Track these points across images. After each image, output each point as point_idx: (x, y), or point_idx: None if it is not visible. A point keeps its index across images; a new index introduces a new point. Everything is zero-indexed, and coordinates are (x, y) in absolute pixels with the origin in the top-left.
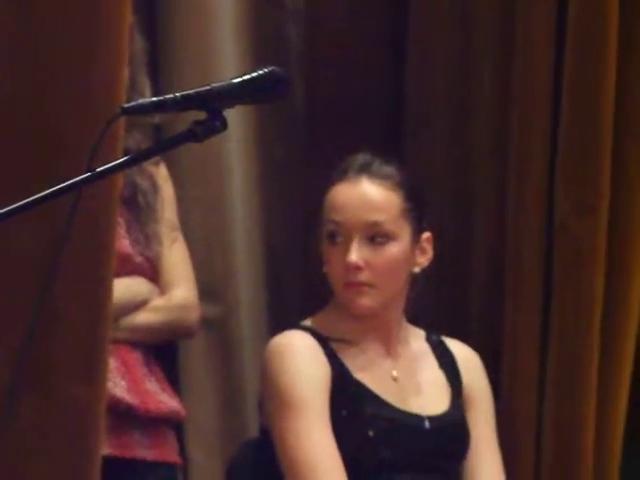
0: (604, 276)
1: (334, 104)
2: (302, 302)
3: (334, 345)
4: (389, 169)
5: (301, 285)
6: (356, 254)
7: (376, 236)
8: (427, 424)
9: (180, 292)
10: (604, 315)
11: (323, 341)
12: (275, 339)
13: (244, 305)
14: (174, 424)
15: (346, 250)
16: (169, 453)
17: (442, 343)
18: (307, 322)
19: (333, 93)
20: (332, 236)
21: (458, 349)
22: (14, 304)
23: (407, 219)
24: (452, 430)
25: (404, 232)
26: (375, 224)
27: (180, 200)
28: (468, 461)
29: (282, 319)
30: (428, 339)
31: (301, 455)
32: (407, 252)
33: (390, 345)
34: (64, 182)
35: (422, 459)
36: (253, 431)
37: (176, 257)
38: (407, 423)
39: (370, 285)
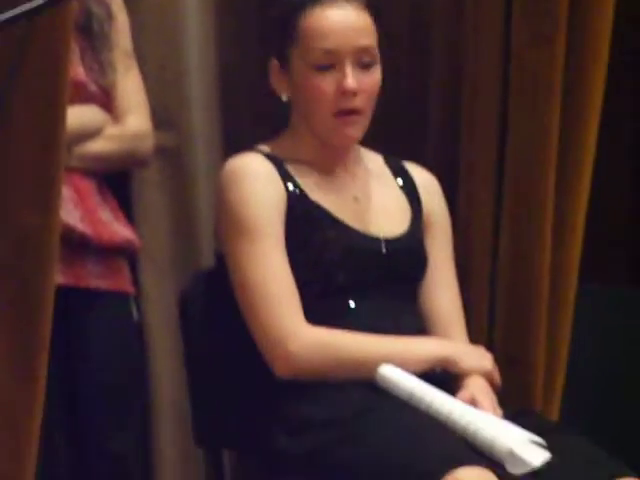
0: (560, 109)
1: None
2: (257, 129)
3: (290, 167)
4: None
5: (257, 113)
6: (353, 79)
7: (364, 60)
8: (384, 247)
9: (134, 121)
10: (559, 150)
11: (279, 163)
12: (229, 162)
13: (198, 133)
14: (128, 254)
15: (338, 77)
16: (122, 282)
17: (402, 167)
18: (263, 146)
19: None
20: (321, 64)
21: (418, 173)
22: None
23: (377, 43)
24: (409, 253)
25: (378, 56)
26: (365, 48)
27: (134, 28)
28: (424, 284)
29: (237, 147)
30: (387, 162)
31: (254, 279)
32: (380, 76)
33: (348, 166)
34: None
35: (378, 283)
36: (207, 260)
37: (130, 85)
38: (364, 246)
39: (359, 112)
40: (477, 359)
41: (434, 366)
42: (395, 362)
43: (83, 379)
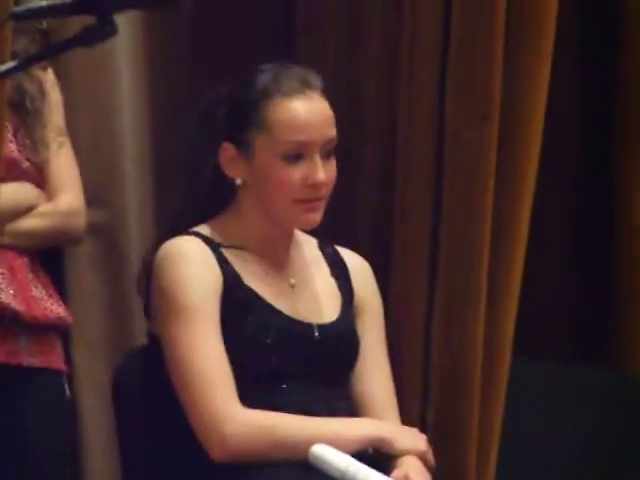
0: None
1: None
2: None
3: (226, 252)
4: (318, 79)
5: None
6: (322, 172)
7: (327, 149)
8: (317, 333)
9: (67, 198)
10: (494, 231)
11: (214, 247)
12: (163, 246)
13: (132, 211)
14: (61, 331)
15: (306, 167)
16: (55, 360)
17: (334, 251)
18: (198, 229)
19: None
20: (292, 156)
21: (350, 258)
22: None
23: None
24: (341, 339)
25: None
26: (332, 140)
27: (68, 105)
28: (357, 368)
29: (170, 226)
30: (320, 247)
31: (189, 361)
32: None
33: (285, 252)
34: None
35: (310, 368)
36: (140, 338)
37: (63, 162)
38: (297, 331)
39: (323, 199)
40: (411, 440)
41: (369, 446)
42: (330, 442)
43: (12, 456)
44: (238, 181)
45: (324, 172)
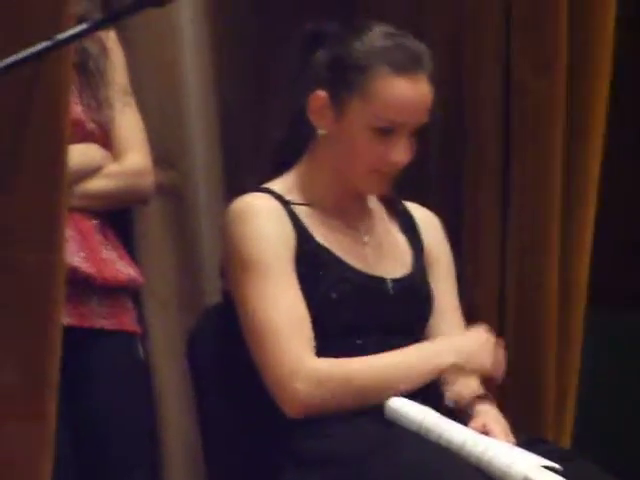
0: (563, 138)
1: None
2: (259, 168)
3: (297, 209)
4: (430, 57)
5: (257, 151)
6: (405, 154)
7: (415, 131)
8: (391, 287)
9: (134, 158)
10: (564, 179)
11: (286, 204)
12: (236, 201)
13: (200, 172)
14: (132, 292)
15: (392, 143)
16: (128, 322)
17: (403, 207)
18: (270, 185)
19: None
20: (383, 131)
21: (418, 211)
22: None
23: None
24: (416, 292)
25: None
26: (423, 124)
27: (132, 65)
28: (431, 321)
29: (239, 185)
30: (390, 203)
31: (261, 316)
32: None
33: (357, 210)
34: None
35: (386, 322)
36: (212, 296)
37: (129, 122)
38: (371, 287)
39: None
40: (480, 360)
41: (442, 374)
42: (405, 381)
43: (90, 418)
44: (322, 131)
45: (406, 153)
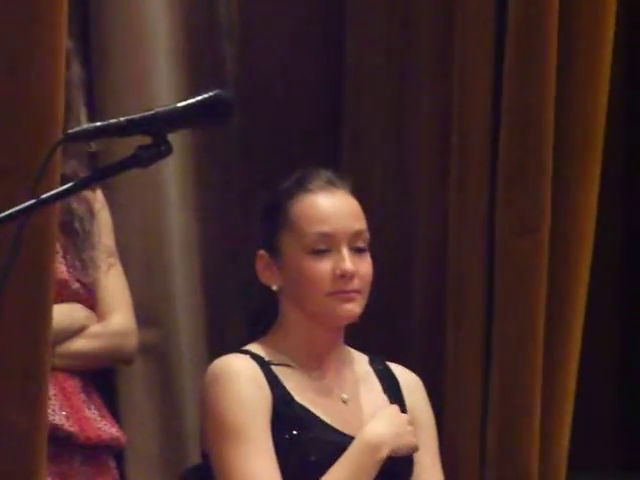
0: (546, 298)
1: (271, 133)
2: (242, 326)
3: (276, 370)
4: (346, 181)
5: (240, 309)
6: (350, 262)
7: (358, 245)
8: None
9: (118, 318)
10: (546, 337)
11: (264, 365)
12: (214, 363)
13: (182, 330)
14: (115, 451)
15: (334, 260)
16: None
17: (386, 367)
18: (248, 347)
19: (269, 123)
20: (317, 248)
21: (402, 373)
22: None
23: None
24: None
25: (368, 241)
26: (359, 232)
27: (118, 225)
28: None
29: (222, 343)
30: (372, 363)
31: None
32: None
33: (336, 368)
34: (6, 207)
35: None
36: (194, 457)
37: (113, 283)
38: None
39: (358, 291)
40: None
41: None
42: None
43: None
44: (274, 287)
45: (352, 263)
